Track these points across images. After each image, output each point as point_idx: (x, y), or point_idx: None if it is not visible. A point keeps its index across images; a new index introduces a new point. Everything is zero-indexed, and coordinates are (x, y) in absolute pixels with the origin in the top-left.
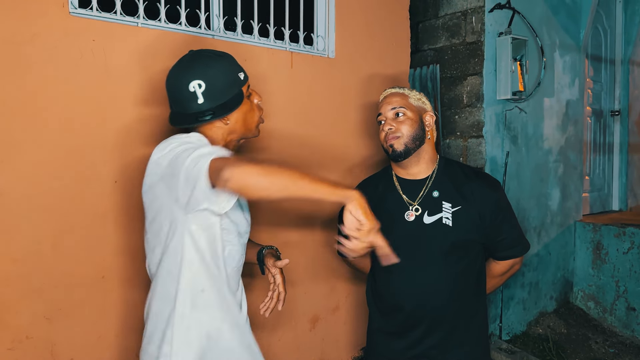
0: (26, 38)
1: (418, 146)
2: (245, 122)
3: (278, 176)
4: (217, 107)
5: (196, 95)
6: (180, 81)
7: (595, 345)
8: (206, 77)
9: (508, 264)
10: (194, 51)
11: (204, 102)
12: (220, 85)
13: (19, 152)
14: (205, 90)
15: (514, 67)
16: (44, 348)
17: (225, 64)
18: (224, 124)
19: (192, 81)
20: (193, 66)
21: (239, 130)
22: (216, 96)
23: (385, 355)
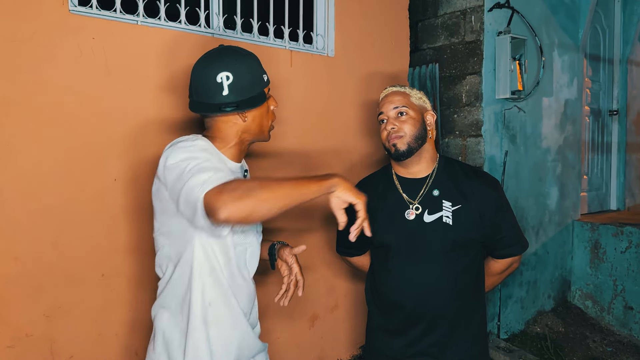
0: (26, 36)
1: (420, 145)
2: (261, 124)
3: (269, 198)
4: (241, 101)
5: (222, 87)
6: (208, 71)
7: (592, 344)
8: (234, 70)
9: (507, 262)
10: (224, 45)
11: (229, 94)
12: (246, 81)
13: (19, 151)
14: (232, 82)
15: (513, 66)
16: (43, 346)
17: (252, 62)
18: (242, 121)
19: (221, 72)
20: (222, 58)
21: (253, 130)
22: (241, 91)
23: (384, 354)
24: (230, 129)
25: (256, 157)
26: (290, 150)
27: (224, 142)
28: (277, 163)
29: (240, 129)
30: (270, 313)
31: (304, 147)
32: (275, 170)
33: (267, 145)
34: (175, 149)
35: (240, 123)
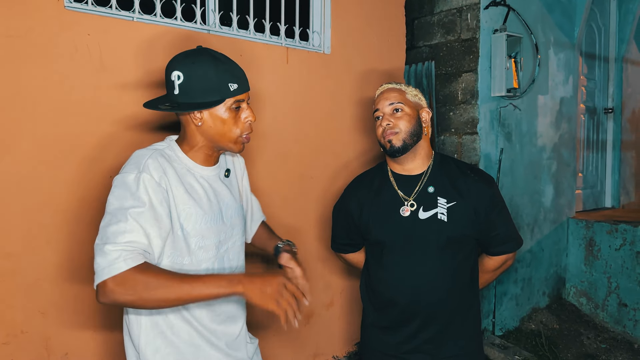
0: (21, 32)
1: (415, 142)
2: (221, 132)
3: (160, 296)
4: (185, 103)
5: (174, 85)
6: (169, 68)
7: (587, 341)
8: (188, 71)
9: (501, 259)
10: (200, 47)
11: (179, 94)
12: (197, 84)
13: (14, 147)
14: (182, 83)
15: (509, 64)
16: (38, 342)
17: (215, 68)
18: (195, 125)
19: (175, 71)
20: (183, 58)
21: (212, 136)
22: (191, 93)
23: (379, 350)
24: (192, 132)
25: (252, 154)
26: (286, 146)
27: (189, 145)
28: (272, 160)
29: (200, 133)
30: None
31: (299, 143)
32: (271, 167)
33: (263, 142)
34: (117, 184)
35: (198, 127)
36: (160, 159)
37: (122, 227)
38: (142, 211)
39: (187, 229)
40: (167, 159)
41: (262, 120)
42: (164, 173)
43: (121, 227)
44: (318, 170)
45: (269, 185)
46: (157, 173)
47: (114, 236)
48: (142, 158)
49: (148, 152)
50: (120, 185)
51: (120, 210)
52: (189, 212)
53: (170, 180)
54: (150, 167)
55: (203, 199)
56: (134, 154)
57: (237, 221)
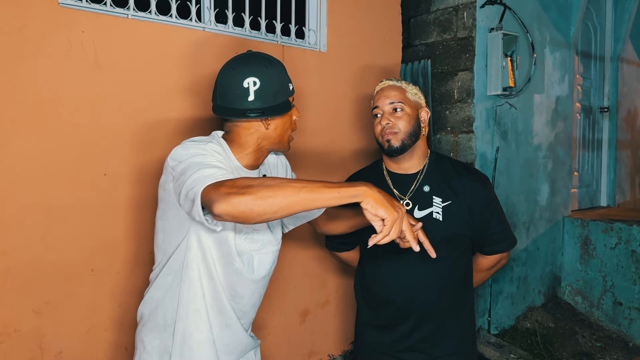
0: (14, 29)
1: (413, 142)
2: (282, 133)
3: (269, 197)
4: (266, 108)
5: (248, 92)
6: (236, 75)
7: (582, 339)
8: (262, 76)
9: (495, 258)
10: (252, 51)
11: (254, 99)
12: (273, 88)
13: (7, 145)
14: (259, 88)
15: (505, 63)
16: (32, 341)
17: (280, 70)
18: (264, 128)
19: (248, 77)
20: (251, 64)
21: (273, 139)
22: (267, 97)
23: (374, 349)
24: (250, 135)
25: None
26: None
27: (242, 148)
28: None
29: (260, 137)
30: (260, 309)
31: (296, 142)
32: None
33: None
34: (187, 144)
35: (262, 130)
36: (218, 148)
37: (207, 162)
38: (218, 160)
39: (238, 226)
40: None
41: None
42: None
43: (205, 163)
44: (313, 168)
45: None
46: (220, 151)
47: (204, 166)
48: (202, 139)
49: (205, 137)
50: (189, 145)
51: (198, 155)
52: None
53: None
54: (214, 144)
55: None
56: (192, 138)
57: (274, 228)
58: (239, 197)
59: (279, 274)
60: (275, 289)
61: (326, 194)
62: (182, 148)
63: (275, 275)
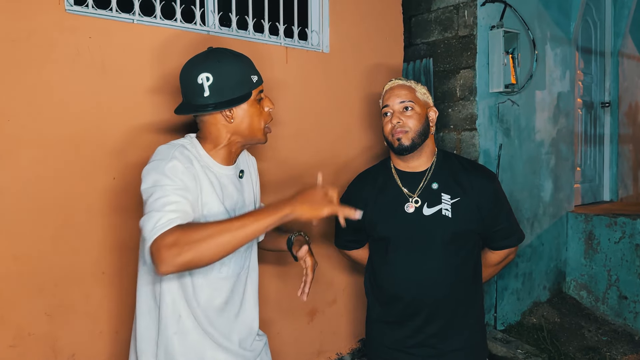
0: (23, 36)
1: (423, 141)
2: (251, 125)
3: (214, 247)
4: (221, 102)
5: (203, 88)
6: (191, 73)
7: (588, 334)
8: (215, 71)
9: (504, 253)
10: (212, 48)
11: (210, 95)
12: (227, 82)
13: (18, 150)
14: (212, 84)
15: (506, 60)
16: (45, 344)
17: (237, 63)
18: (228, 122)
19: (201, 74)
20: (205, 60)
21: (243, 131)
22: (222, 91)
23: (385, 345)
24: (218, 130)
25: (252, 153)
26: (286, 146)
27: (213, 144)
28: (273, 160)
29: (229, 131)
30: (269, 308)
31: (300, 143)
32: (271, 167)
33: None
34: (149, 169)
35: (228, 125)
36: (186, 152)
37: (164, 199)
38: (179, 187)
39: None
40: (191, 154)
41: None
42: (191, 164)
43: (163, 199)
44: (319, 169)
45: (270, 185)
46: (186, 163)
47: (159, 206)
48: (169, 150)
49: (174, 146)
50: (152, 170)
51: (158, 187)
52: (211, 206)
53: (198, 172)
54: (179, 157)
55: (223, 197)
56: (158, 149)
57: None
58: (182, 257)
59: (286, 273)
60: (283, 288)
61: (262, 225)
62: (146, 171)
63: (283, 274)
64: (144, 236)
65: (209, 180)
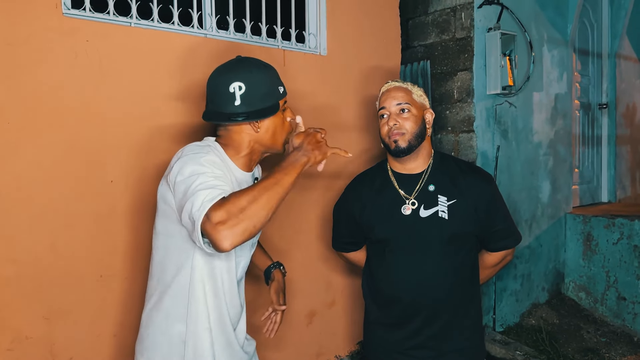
0: (20, 39)
1: (419, 143)
2: (274, 135)
3: (262, 209)
4: (252, 112)
5: (234, 96)
6: (222, 81)
7: (587, 335)
8: (247, 81)
9: (501, 255)
10: (241, 57)
11: (241, 104)
12: (258, 92)
13: (16, 153)
14: (244, 93)
15: (504, 62)
16: (43, 348)
17: (267, 74)
18: (254, 132)
19: (234, 82)
20: (237, 69)
21: (266, 141)
22: (253, 101)
23: (383, 347)
24: (242, 139)
25: None
26: None
27: (236, 151)
28: (271, 161)
29: (252, 139)
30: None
31: None
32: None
33: None
34: (186, 161)
35: (253, 134)
36: (215, 151)
37: (206, 183)
38: (218, 176)
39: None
40: (216, 156)
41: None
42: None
43: (205, 183)
44: (317, 171)
45: None
46: (217, 161)
47: (202, 187)
48: (201, 147)
49: (203, 146)
50: (189, 161)
51: (199, 175)
52: None
53: (224, 171)
54: (211, 154)
55: None
56: (188, 146)
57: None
58: (240, 227)
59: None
60: None
61: (291, 178)
62: (182, 163)
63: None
64: (193, 216)
65: (231, 184)
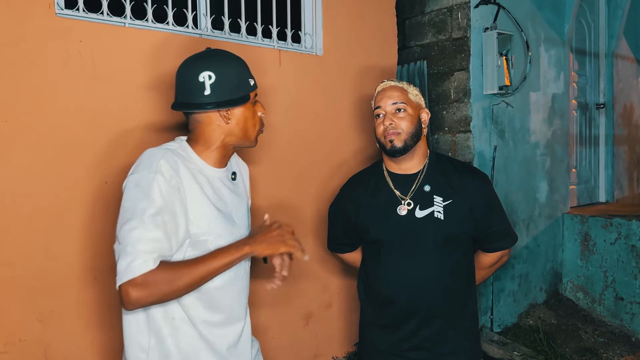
0: (13, 40)
1: (415, 143)
2: (245, 128)
3: (178, 289)
4: (222, 101)
5: (204, 86)
6: (192, 70)
7: (585, 335)
8: (217, 70)
9: (497, 255)
10: (211, 48)
11: (210, 93)
12: (228, 82)
13: (8, 155)
14: (214, 82)
15: (500, 62)
16: (37, 351)
17: (238, 65)
18: (225, 123)
19: (203, 72)
20: (207, 59)
21: (237, 133)
22: (223, 91)
23: (379, 349)
24: (213, 131)
25: (246, 156)
26: (280, 148)
27: (206, 146)
28: (267, 162)
29: (223, 132)
30: (264, 312)
31: (293, 145)
32: (266, 170)
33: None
34: (136, 183)
35: (224, 125)
36: (173, 158)
37: (139, 231)
38: (157, 213)
39: (203, 228)
40: (180, 158)
41: None
42: (177, 173)
43: (138, 231)
44: (313, 171)
45: (264, 188)
46: (170, 173)
47: (132, 240)
48: (155, 158)
49: (160, 152)
50: (135, 186)
51: (136, 212)
52: (204, 211)
53: (184, 180)
54: (163, 167)
55: (216, 200)
56: (145, 153)
57: (246, 223)
58: (147, 301)
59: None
60: (279, 292)
61: (224, 263)
62: (132, 184)
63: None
64: (117, 269)
65: (198, 185)
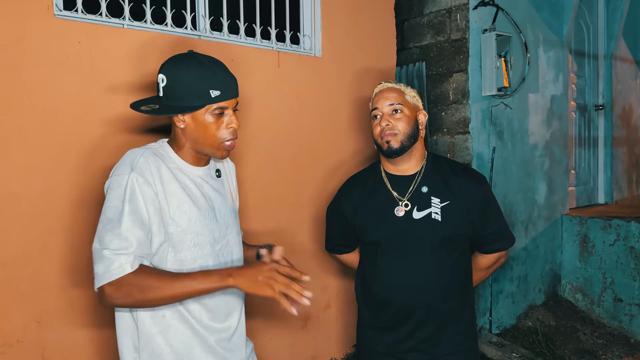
0: (11, 41)
1: (412, 144)
2: (202, 137)
3: (154, 298)
4: (169, 105)
5: (159, 87)
6: (159, 71)
7: (583, 337)
8: (170, 75)
9: (494, 257)
10: (191, 52)
11: (162, 96)
12: (179, 89)
13: (6, 155)
14: (165, 86)
15: (499, 63)
16: (35, 351)
17: (196, 74)
18: (179, 127)
19: (160, 74)
20: (169, 62)
21: (195, 140)
22: (173, 96)
23: (376, 350)
24: (178, 133)
25: (244, 157)
26: (278, 149)
27: (178, 146)
28: (265, 163)
29: (184, 135)
30: (262, 313)
31: (292, 146)
32: (263, 171)
33: (255, 145)
34: (115, 186)
35: (182, 128)
36: (153, 157)
37: (117, 232)
38: (135, 212)
39: (182, 226)
40: (160, 157)
41: (254, 123)
42: (157, 171)
43: (116, 232)
44: (311, 172)
45: (262, 188)
46: (148, 172)
47: (111, 241)
48: (134, 157)
49: (140, 151)
50: (114, 187)
51: (115, 213)
52: (183, 209)
53: (164, 178)
54: (143, 166)
55: (197, 198)
56: (127, 153)
57: (231, 220)
58: (122, 302)
59: None
60: None
61: (203, 288)
62: (113, 187)
63: None
64: (95, 272)
65: (178, 184)
